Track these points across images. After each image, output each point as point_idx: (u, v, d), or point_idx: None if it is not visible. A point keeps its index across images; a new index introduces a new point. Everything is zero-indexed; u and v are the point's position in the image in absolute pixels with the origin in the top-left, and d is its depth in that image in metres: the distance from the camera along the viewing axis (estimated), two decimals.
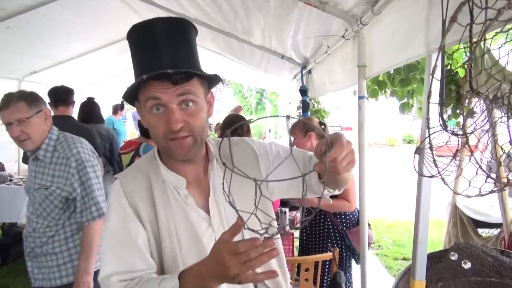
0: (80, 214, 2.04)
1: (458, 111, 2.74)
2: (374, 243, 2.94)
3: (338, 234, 2.81)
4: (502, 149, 0.92)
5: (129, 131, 9.54)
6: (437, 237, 5.35)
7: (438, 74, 1.05)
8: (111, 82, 8.03)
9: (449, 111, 2.42)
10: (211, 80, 1.09)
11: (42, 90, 6.10)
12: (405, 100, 2.85)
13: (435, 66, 1.01)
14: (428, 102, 1.02)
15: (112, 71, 7.46)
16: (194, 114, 1.01)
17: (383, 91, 3.10)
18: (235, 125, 0.93)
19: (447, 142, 0.97)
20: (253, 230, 0.82)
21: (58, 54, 5.56)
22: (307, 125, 2.85)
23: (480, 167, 0.88)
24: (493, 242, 3.28)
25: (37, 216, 2.03)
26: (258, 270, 0.88)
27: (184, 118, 1.00)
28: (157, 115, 1.00)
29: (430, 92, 1.01)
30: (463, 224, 3.79)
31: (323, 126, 2.87)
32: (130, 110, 11.36)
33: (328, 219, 2.80)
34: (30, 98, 1.98)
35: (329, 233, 2.81)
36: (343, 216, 2.79)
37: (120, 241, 1.05)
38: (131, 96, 1.06)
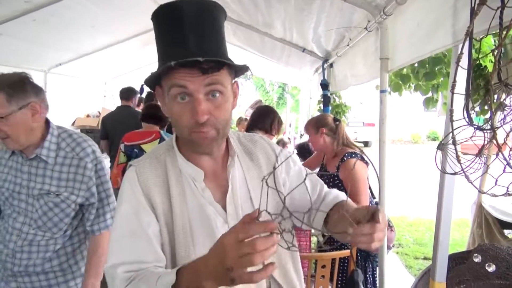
0: (96, 220, 1.77)
1: (486, 107, 2.62)
2: (393, 246, 2.80)
3: None
4: None
5: None
6: (460, 237, 5.20)
7: (464, 63, 0.99)
8: (134, 74, 8.12)
9: (477, 108, 2.31)
10: (238, 70, 1.04)
11: (67, 82, 6.30)
12: (430, 94, 2.75)
13: (461, 53, 0.95)
14: (452, 93, 0.96)
15: (136, 63, 7.54)
16: (220, 106, 0.96)
17: (408, 86, 3.00)
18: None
19: (471, 137, 0.91)
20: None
21: (82, 47, 5.65)
22: (319, 122, 2.78)
23: (508, 163, 0.81)
24: None
25: (36, 227, 1.68)
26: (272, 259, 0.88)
27: (210, 110, 0.95)
28: (181, 104, 0.95)
29: (454, 81, 0.95)
30: (488, 224, 3.65)
31: (337, 123, 2.80)
32: None
33: None
34: (13, 90, 1.55)
35: None
36: None
37: (130, 231, 1.00)
38: (153, 80, 1.01)
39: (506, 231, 3.64)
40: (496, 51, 0.89)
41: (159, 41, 0.98)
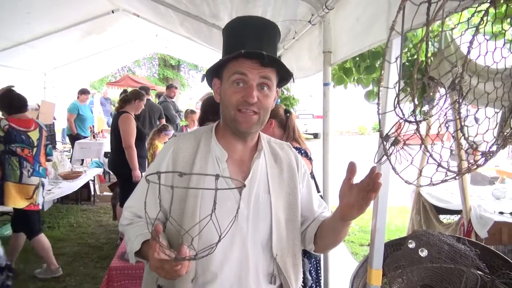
0: None
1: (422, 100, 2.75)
2: None
3: None
4: (453, 137, 0.90)
5: (96, 116, 9.25)
6: (402, 224, 5.48)
7: (397, 59, 1.02)
8: (77, 65, 7.72)
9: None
10: (282, 80, 1.24)
11: (1, 73, 5.85)
12: (370, 87, 2.84)
13: (387, 47, 0.97)
14: (379, 86, 0.99)
15: (77, 54, 7.16)
16: (266, 96, 1.17)
17: (352, 79, 3.07)
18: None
19: (397, 129, 0.94)
20: (166, 249, 0.96)
21: (18, 34, 5.27)
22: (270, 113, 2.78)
23: (431, 155, 0.85)
24: (453, 228, 3.36)
25: None
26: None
27: (259, 97, 1.14)
28: (236, 88, 1.15)
29: (381, 76, 0.98)
30: (426, 211, 3.88)
31: (288, 114, 2.81)
32: (97, 95, 11.00)
33: None
34: None
35: None
36: None
37: (145, 186, 1.21)
38: (215, 73, 1.22)
39: (441, 216, 3.89)
40: (419, 45, 0.92)
41: (229, 42, 1.21)
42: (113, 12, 5.39)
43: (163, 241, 1.02)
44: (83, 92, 7.54)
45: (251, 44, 1.14)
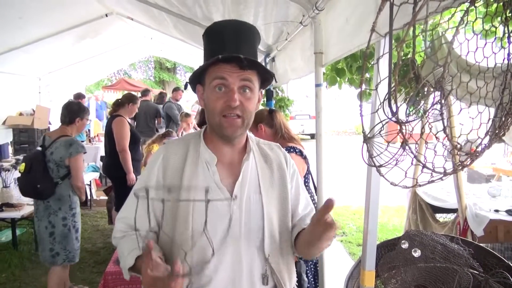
0: None
1: (417, 99, 2.75)
2: None
3: None
4: (437, 138, 0.89)
5: (92, 120, 9.22)
6: (399, 223, 5.48)
7: (378, 60, 1.01)
8: (71, 69, 7.69)
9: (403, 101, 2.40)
10: (264, 80, 1.26)
11: None
12: (363, 88, 2.84)
13: (367, 48, 0.97)
14: (361, 88, 0.99)
15: (71, 58, 7.13)
16: (249, 99, 1.18)
17: (345, 79, 3.07)
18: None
19: (379, 130, 0.93)
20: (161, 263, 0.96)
21: (11, 40, 5.25)
22: (256, 119, 2.77)
23: (415, 156, 0.84)
24: (450, 227, 3.36)
25: None
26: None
27: (241, 100, 1.15)
28: (218, 93, 1.16)
29: (362, 77, 0.97)
30: (422, 210, 3.87)
31: (272, 113, 2.81)
32: (93, 99, 10.96)
33: None
34: None
35: None
36: None
37: (136, 194, 1.22)
38: (198, 79, 1.23)
39: (437, 215, 3.88)
40: (400, 46, 0.92)
41: (209, 47, 1.22)
42: (106, 15, 5.37)
43: (156, 257, 1.00)
44: (79, 96, 7.51)
45: (230, 48, 1.15)
